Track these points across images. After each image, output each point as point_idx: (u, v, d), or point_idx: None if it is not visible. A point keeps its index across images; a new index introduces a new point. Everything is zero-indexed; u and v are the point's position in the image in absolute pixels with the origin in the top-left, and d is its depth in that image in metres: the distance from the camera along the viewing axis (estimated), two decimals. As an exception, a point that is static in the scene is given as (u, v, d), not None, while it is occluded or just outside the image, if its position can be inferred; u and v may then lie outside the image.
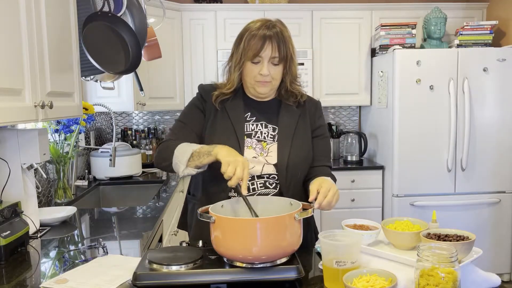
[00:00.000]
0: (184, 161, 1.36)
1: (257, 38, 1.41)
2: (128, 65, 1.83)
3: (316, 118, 1.59)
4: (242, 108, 1.52)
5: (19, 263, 1.45)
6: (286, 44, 1.43)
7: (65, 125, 2.39)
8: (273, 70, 1.44)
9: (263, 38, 1.41)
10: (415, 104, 3.27)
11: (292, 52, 1.46)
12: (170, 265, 1.15)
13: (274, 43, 1.41)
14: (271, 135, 1.51)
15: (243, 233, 1.11)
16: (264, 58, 1.42)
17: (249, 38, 1.42)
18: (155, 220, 2.00)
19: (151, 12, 3.06)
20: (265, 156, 1.48)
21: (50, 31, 1.55)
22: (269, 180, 1.47)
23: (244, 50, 1.43)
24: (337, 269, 1.11)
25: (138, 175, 3.23)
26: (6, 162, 1.69)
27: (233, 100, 1.52)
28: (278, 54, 1.42)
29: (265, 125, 1.52)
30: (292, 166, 1.47)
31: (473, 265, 1.20)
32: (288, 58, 1.45)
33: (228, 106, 1.52)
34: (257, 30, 1.42)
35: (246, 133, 1.50)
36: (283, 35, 1.43)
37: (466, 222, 3.35)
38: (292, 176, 1.48)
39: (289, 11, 3.64)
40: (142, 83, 2.28)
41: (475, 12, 3.82)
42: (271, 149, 1.49)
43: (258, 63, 1.43)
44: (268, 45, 1.41)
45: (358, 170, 3.57)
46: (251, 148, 1.48)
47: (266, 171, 1.47)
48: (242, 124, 1.50)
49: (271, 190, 1.47)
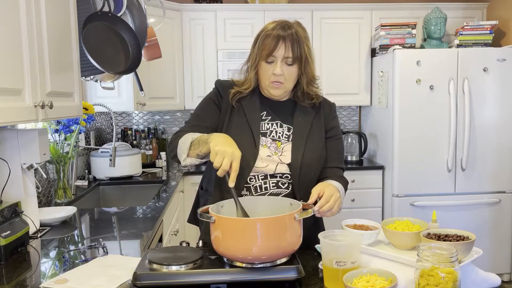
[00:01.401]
0: (185, 150, 1.36)
1: (270, 38, 1.42)
2: (128, 65, 1.83)
3: (330, 119, 1.59)
4: (258, 107, 1.52)
5: (19, 263, 1.45)
6: (300, 45, 1.43)
7: (65, 125, 2.39)
8: (287, 70, 1.44)
9: (277, 37, 1.41)
10: (415, 104, 3.27)
11: (307, 53, 1.45)
12: (170, 265, 1.15)
13: (287, 43, 1.41)
14: (286, 135, 1.51)
15: (243, 233, 1.11)
16: (278, 58, 1.43)
17: (263, 38, 1.44)
18: (155, 220, 2.00)
19: (151, 12, 3.06)
20: (279, 156, 1.48)
21: (50, 31, 1.55)
22: (282, 179, 1.47)
23: (258, 50, 1.45)
24: (337, 269, 1.11)
25: (138, 175, 3.23)
26: (6, 162, 1.69)
27: (250, 99, 1.53)
28: (291, 54, 1.42)
29: (280, 124, 1.52)
30: (305, 166, 1.47)
31: (473, 265, 1.20)
32: (303, 59, 1.44)
33: (245, 104, 1.52)
34: (271, 30, 1.44)
35: (261, 132, 1.50)
36: (297, 36, 1.43)
37: (466, 222, 3.35)
38: (305, 176, 1.48)
39: (289, 11, 3.64)
40: (142, 83, 2.28)
41: (475, 12, 3.82)
42: (285, 149, 1.49)
43: (272, 63, 1.44)
44: (282, 44, 1.41)
45: (358, 170, 3.57)
46: (265, 147, 1.48)
47: (280, 170, 1.47)
48: (258, 123, 1.50)
49: (283, 190, 1.47)
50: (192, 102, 3.67)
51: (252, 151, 1.44)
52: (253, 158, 1.44)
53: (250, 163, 1.44)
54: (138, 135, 3.74)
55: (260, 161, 1.45)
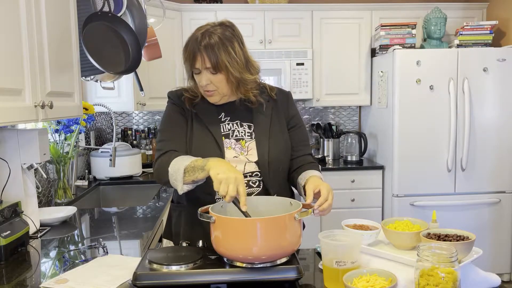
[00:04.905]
0: (179, 180, 1.33)
1: (187, 52, 1.40)
2: (128, 65, 1.83)
3: (289, 109, 1.58)
4: (215, 110, 1.51)
5: (19, 263, 1.45)
6: (216, 53, 1.36)
7: (65, 125, 2.39)
8: (214, 78, 1.40)
9: (192, 51, 1.39)
10: (415, 104, 3.27)
11: (227, 60, 1.37)
12: (170, 265, 1.15)
13: (203, 54, 1.37)
14: (248, 132, 1.51)
15: (243, 233, 1.12)
16: (201, 69, 1.40)
17: (184, 51, 1.42)
18: (155, 220, 2.00)
19: (151, 12, 3.06)
20: (245, 155, 1.47)
21: (50, 31, 1.55)
22: (252, 178, 1.46)
23: (184, 63, 1.44)
24: (337, 269, 1.11)
25: (138, 175, 3.23)
26: (6, 162, 1.69)
27: (204, 103, 1.51)
28: (210, 64, 1.37)
29: (240, 124, 1.52)
30: (273, 161, 1.47)
31: (473, 265, 1.20)
32: (222, 66, 1.37)
33: (200, 109, 1.51)
34: (188, 42, 1.42)
35: (223, 134, 1.49)
36: (211, 45, 1.37)
37: (466, 222, 3.35)
38: (274, 171, 1.48)
39: (289, 11, 3.64)
40: (142, 83, 2.28)
41: (475, 12, 3.81)
42: (250, 147, 1.49)
43: (199, 73, 1.42)
44: (198, 57, 1.38)
45: (358, 170, 3.57)
46: (230, 148, 1.47)
47: (248, 169, 1.46)
48: (217, 126, 1.49)
49: (255, 189, 1.46)
50: (192, 102, 3.66)
51: (217, 154, 1.43)
52: None
53: None
54: (138, 135, 3.74)
55: None
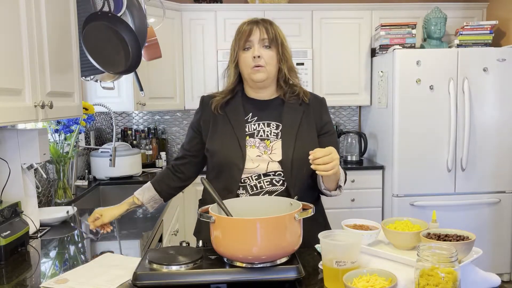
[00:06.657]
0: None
1: (244, 26, 1.51)
2: (128, 65, 1.83)
3: (323, 115, 1.60)
4: (242, 111, 1.54)
5: (19, 263, 1.45)
6: (274, 28, 1.50)
7: (65, 125, 2.39)
8: (266, 53, 1.48)
9: (250, 24, 1.50)
10: (415, 104, 3.27)
11: (283, 38, 1.51)
12: (170, 265, 1.15)
13: (261, 27, 1.49)
14: (274, 132, 1.52)
15: (243, 233, 1.11)
16: (254, 42, 1.48)
17: (238, 31, 1.53)
18: (155, 220, 2.00)
19: (151, 12, 3.05)
20: (269, 154, 1.49)
21: (50, 31, 1.55)
22: (275, 177, 1.48)
23: (235, 42, 1.53)
24: (337, 269, 1.11)
25: (138, 175, 3.23)
26: (6, 162, 1.69)
27: (233, 104, 1.55)
28: (267, 35, 1.48)
29: (267, 123, 1.53)
30: (297, 162, 1.47)
31: (473, 265, 1.20)
32: (279, 41, 1.49)
33: (228, 110, 1.55)
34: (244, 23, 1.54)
35: (248, 133, 1.51)
36: (270, 21, 1.52)
37: (466, 222, 3.35)
38: (297, 172, 1.48)
39: (289, 11, 3.64)
40: (142, 83, 2.28)
41: (475, 12, 3.81)
42: (275, 147, 1.50)
43: (250, 49, 1.49)
44: (256, 29, 1.49)
45: (358, 170, 3.57)
46: (254, 147, 1.49)
47: (271, 168, 1.47)
48: (242, 126, 1.52)
49: (278, 187, 1.47)
50: (192, 102, 3.67)
51: (238, 153, 1.47)
52: (241, 160, 1.46)
53: (239, 165, 1.46)
54: (138, 135, 3.74)
55: (250, 162, 1.47)
